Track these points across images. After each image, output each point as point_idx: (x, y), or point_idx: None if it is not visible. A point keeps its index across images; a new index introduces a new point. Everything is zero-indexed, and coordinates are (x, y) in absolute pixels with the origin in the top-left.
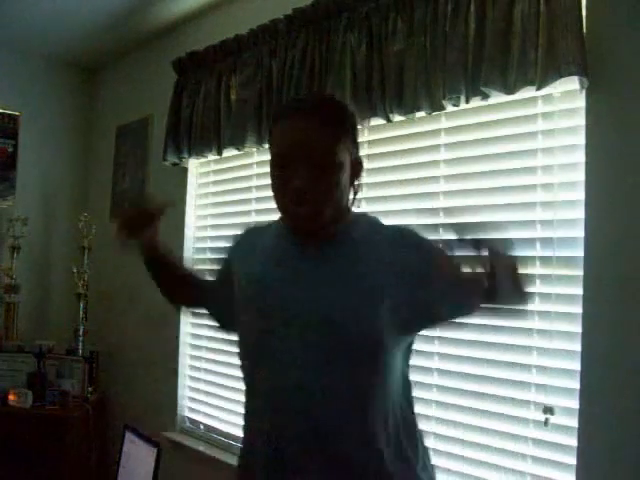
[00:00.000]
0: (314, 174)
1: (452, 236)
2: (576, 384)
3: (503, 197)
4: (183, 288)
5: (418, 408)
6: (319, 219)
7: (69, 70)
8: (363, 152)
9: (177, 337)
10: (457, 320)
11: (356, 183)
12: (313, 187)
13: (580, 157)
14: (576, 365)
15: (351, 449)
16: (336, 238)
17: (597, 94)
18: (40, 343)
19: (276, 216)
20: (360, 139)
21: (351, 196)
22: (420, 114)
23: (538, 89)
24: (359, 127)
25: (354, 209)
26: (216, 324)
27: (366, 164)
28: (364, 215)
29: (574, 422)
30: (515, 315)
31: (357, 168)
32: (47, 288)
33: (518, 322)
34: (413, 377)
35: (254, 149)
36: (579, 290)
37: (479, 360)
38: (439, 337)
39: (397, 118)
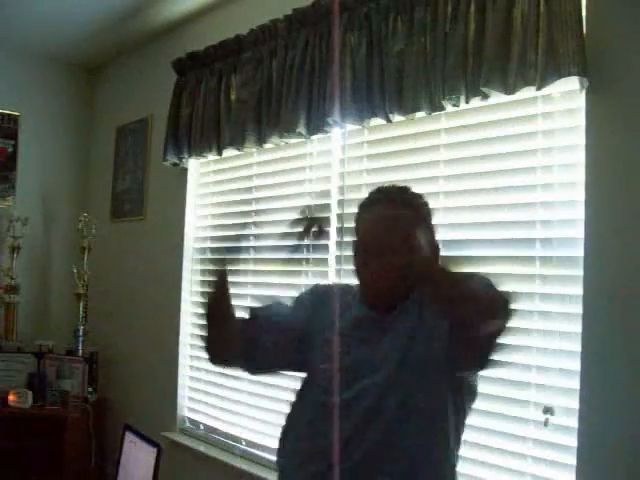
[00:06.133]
0: (390, 263)
1: None
2: (576, 384)
3: (503, 197)
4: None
5: None
6: (391, 299)
7: (69, 70)
8: (363, 152)
9: (177, 341)
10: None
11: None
12: (388, 273)
13: (580, 157)
14: (576, 365)
15: None
16: (407, 309)
17: (597, 94)
18: (40, 343)
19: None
20: (432, 222)
21: None
22: (420, 114)
23: (538, 89)
24: (430, 211)
25: None
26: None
27: (366, 164)
28: None
29: (574, 422)
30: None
31: (434, 251)
32: (47, 288)
33: (518, 322)
34: None
35: (254, 149)
36: (579, 290)
37: None
38: None
39: (397, 118)
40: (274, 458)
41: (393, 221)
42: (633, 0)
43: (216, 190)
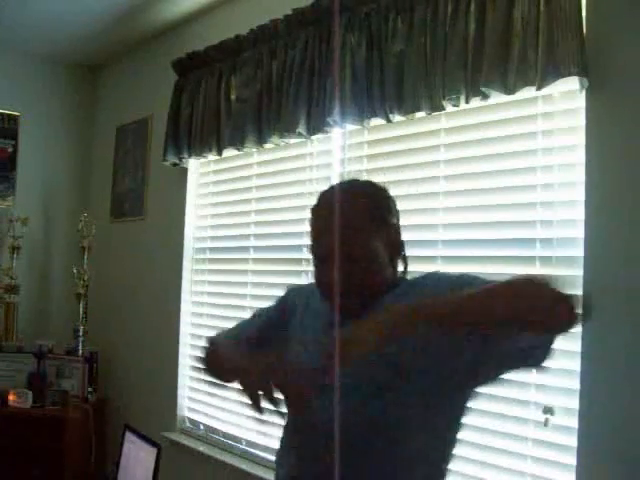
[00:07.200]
0: (346, 266)
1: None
2: (576, 384)
3: (503, 197)
4: None
5: None
6: (352, 302)
7: (69, 70)
8: (363, 152)
9: (177, 341)
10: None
11: (398, 258)
12: (345, 278)
13: (580, 157)
14: (576, 365)
15: None
16: (373, 309)
17: (597, 94)
18: (40, 343)
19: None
20: (393, 216)
21: (397, 267)
22: (420, 114)
23: (538, 89)
24: (394, 208)
25: (403, 276)
26: None
27: (366, 164)
28: (406, 280)
29: (574, 422)
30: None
31: (397, 248)
32: (47, 288)
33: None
34: None
35: (254, 149)
36: (579, 290)
37: None
38: None
39: (397, 118)
40: (274, 458)
41: (341, 226)
42: (633, 0)
43: (216, 190)
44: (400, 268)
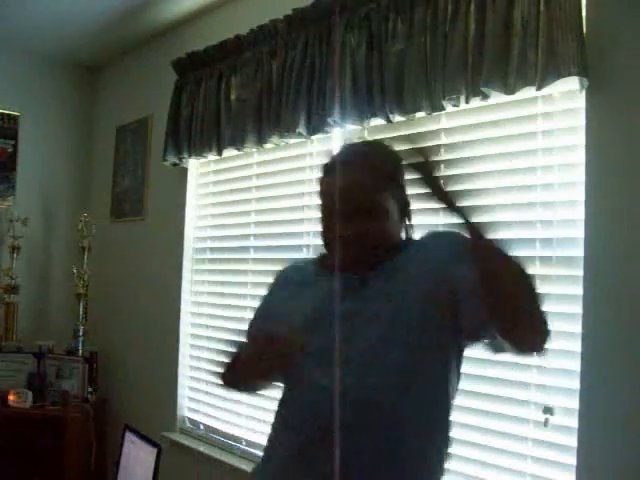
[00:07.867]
0: (358, 223)
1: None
2: (576, 384)
3: (503, 197)
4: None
5: None
6: (363, 260)
7: (69, 70)
8: None
9: (177, 341)
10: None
11: (407, 222)
12: (356, 235)
13: (580, 157)
14: (576, 365)
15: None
16: (382, 271)
17: (597, 94)
18: (40, 343)
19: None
20: (404, 177)
21: (403, 232)
22: (420, 114)
23: (538, 89)
24: (403, 170)
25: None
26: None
27: None
28: (409, 240)
29: (574, 422)
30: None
31: (405, 209)
32: (47, 288)
33: None
34: None
35: (254, 149)
36: (579, 290)
37: (479, 360)
38: None
39: (397, 118)
40: None
41: (354, 182)
42: (633, 0)
43: (216, 190)
44: (406, 230)
